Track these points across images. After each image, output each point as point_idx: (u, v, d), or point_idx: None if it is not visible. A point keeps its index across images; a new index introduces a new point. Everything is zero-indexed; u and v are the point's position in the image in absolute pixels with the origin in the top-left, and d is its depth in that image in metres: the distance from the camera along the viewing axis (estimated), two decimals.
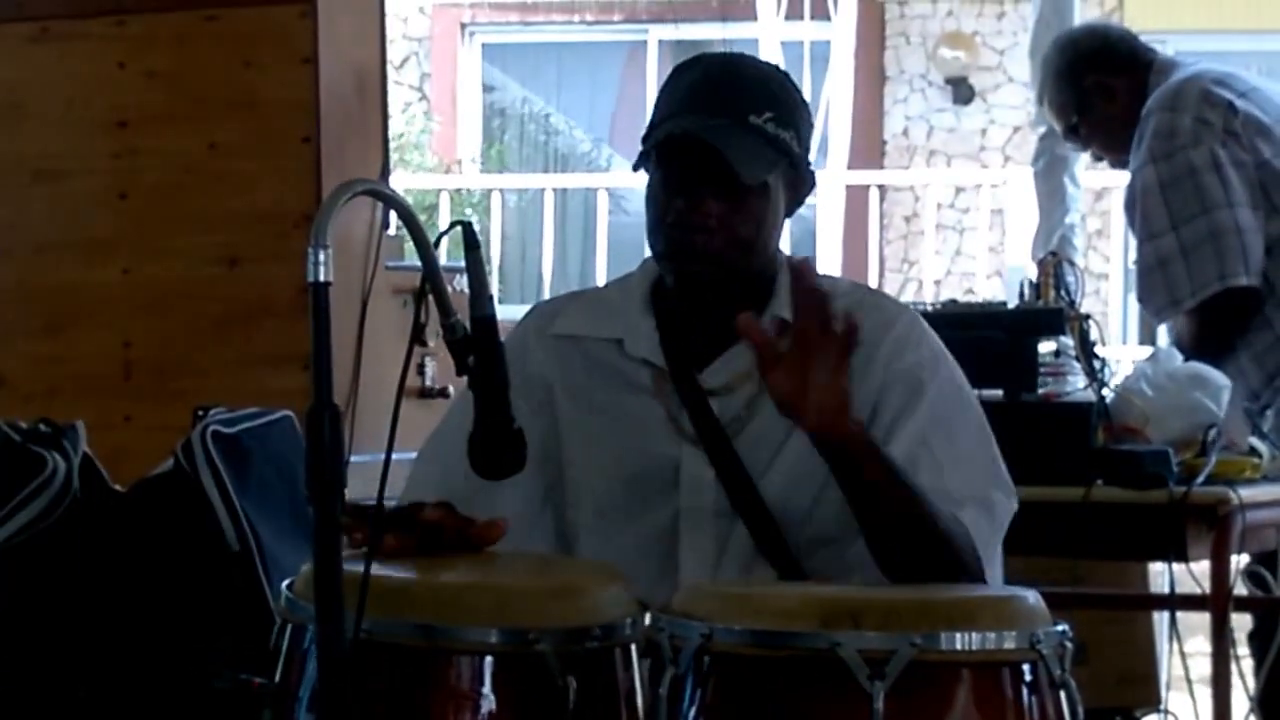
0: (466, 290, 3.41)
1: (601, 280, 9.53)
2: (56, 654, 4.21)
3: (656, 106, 3.94)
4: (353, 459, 3.15)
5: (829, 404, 3.48)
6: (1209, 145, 6.14)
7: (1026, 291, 6.47)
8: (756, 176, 3.79)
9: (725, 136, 3.78)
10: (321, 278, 3.06)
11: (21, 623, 4.24)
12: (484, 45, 14.74)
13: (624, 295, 4.02)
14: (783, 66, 4.25)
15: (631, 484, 3.90)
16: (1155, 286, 6.05)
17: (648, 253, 3.99)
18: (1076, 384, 5.85)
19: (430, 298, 3.38)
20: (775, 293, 3.89)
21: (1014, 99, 13.05)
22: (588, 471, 3.93)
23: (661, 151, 3.84)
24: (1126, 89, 6.34)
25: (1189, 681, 6.53)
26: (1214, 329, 6.12)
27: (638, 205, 3.96)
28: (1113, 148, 6.54)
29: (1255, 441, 5.92)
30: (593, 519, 3.92)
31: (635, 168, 3.91)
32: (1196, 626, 6.23)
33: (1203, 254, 6.07)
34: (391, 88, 6.65)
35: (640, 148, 3.89)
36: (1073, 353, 5.93)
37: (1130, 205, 6.31)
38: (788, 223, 4.04)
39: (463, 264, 3.42)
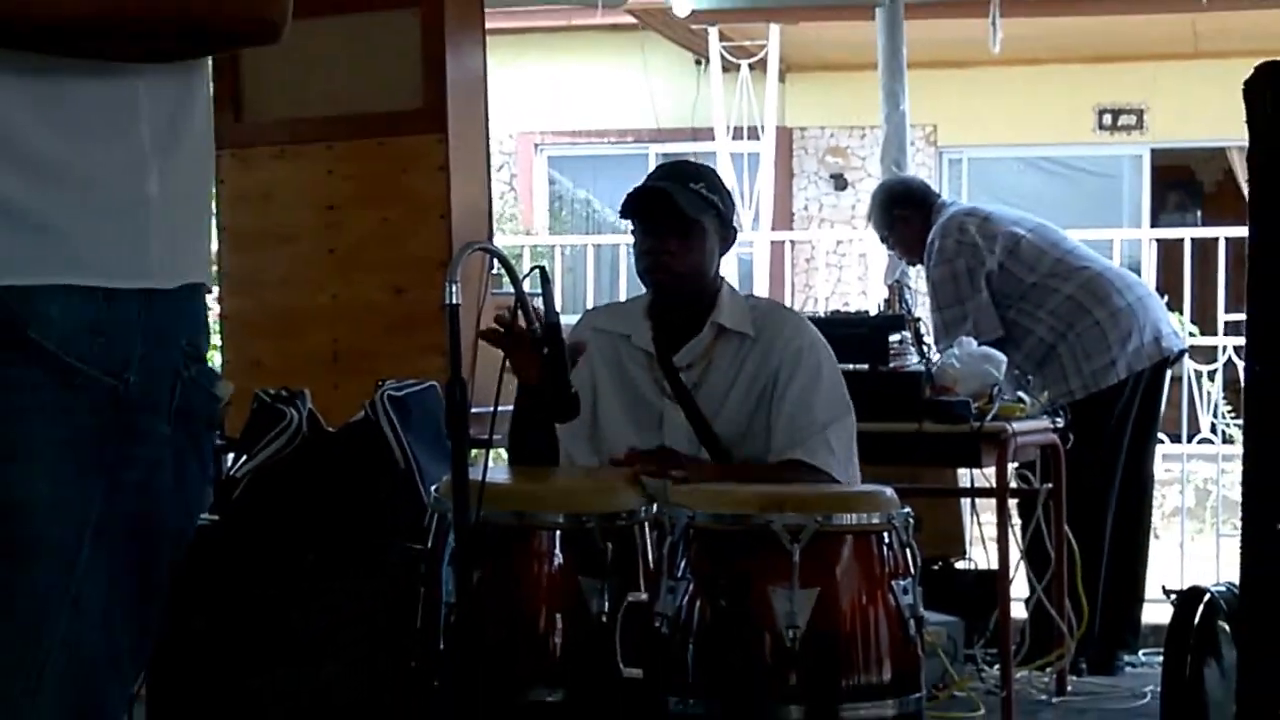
0: (542, 308, 3.40)
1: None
2: (293, 533, 4.20)
3: None
4: (473, 409, 3.15)
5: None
6: (964, 258, 6.30)
7: (881, 304, 6.49)
8: (694, 213, 3.83)
9: (673, 189, 3.86)
10: (453, 301, 3.08)
11: (271, 513, 4.24)
12: (549, 156, 14.69)
13: (634, 306, 4.06)
14: (731, 170, 4.24)
15: (635, 423, 3.92)
16: (953, 332, 6.12)
17: None
18: (912, 361, 5.85)
19: (520, 312, 3.39)
20: (717, 305, 3.93)
21: (871, 188, 13.07)
22: (610, 415, 3.93)
23: (637, 203, 3.91)
24: (918, 220, 6.44)
25: (983, 540, 6.53)
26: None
27: None
28: (907, 253, 6.66)
29: (1021, 394, 5.93)
30: (615, 442, 3.90)
31: (621, 216, 4.00)
32: (986, 506, 6.22)
33: (981, 316, 6.26)
34: (493, 183, 6.60)
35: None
36: (910, 342, 5.94)
37: (933, 289, 6.43)
38: (733, 264, 4.07)
39: (539, 292, 3.42)
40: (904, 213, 6.51)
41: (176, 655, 4.17)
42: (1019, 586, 6.05)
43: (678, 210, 3.82)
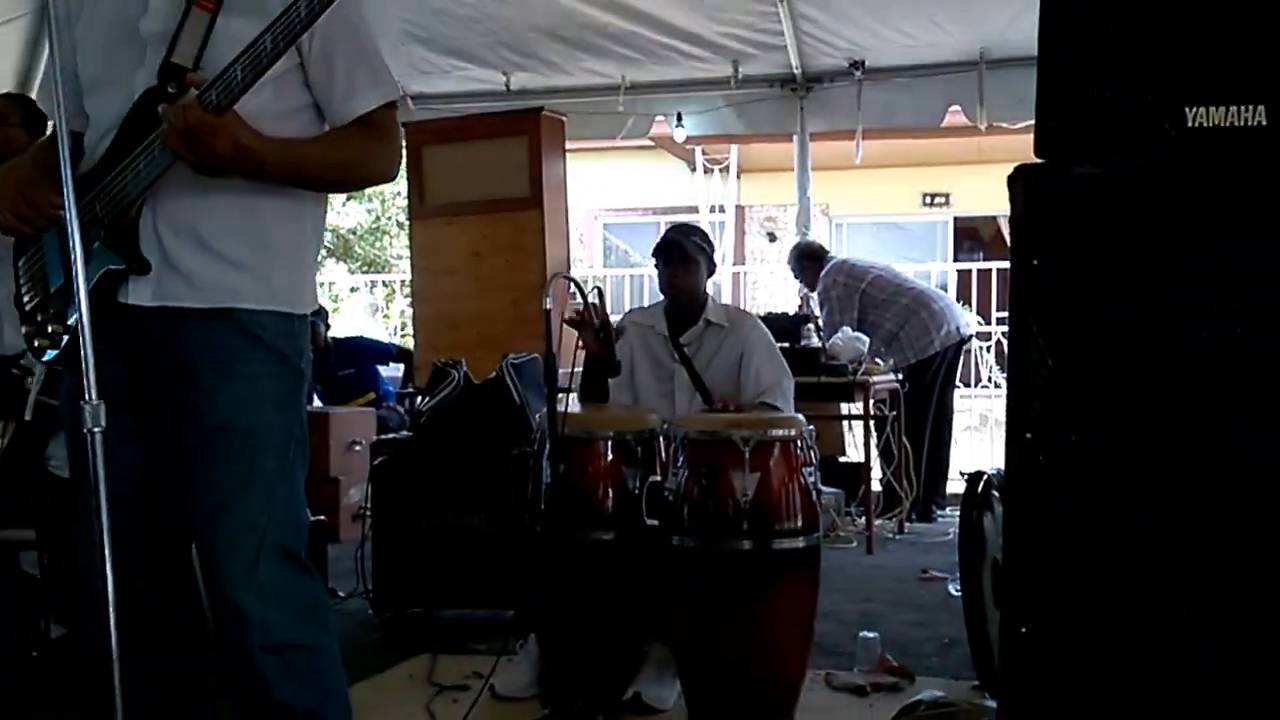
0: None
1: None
2: (456, 443, 4.19)
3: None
4: (559, 370, 3.15)
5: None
6: (837, 290, 6.26)
7: (795, 309, 6.46)
8: (693, 253, 3.80)
9: (682, 239, 3.82)
10: (547, 308, 3.06)
11: (443, 432, 4.22)
12: (603, 224, 14.57)
13: (656, 309, 3.97)
14: (708, 231, 4.18)
15: (656, 378, 3.86)
16: (829, 330, 6.08)
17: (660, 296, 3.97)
18: (814, 341, 5.84)
19: (588, 312, 3.37)
20: (706, 308, 3.86)
21: (791, 242, 13.03)
22: (641, 373, 3.87)
23: (663, 247, 3.85)
24: (815, 267, 6.45)
25: (854, 444, 6.51)
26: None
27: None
28: (807, 285, 6.58)
29: (877, 360, 5.90)
30: (643, 390, 3.86)
31: (653, 254, 3.91)
32: (856, 425, 6.21)
33: (850, 324, 6.12)
34: (570, 239, 6.58)
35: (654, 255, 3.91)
36: (813, 331, 5.93)
37: (820, 304, 6.38)
38: (711, 284, 4.02)
39: (597, 303, 3.40)
40: (807, 263, 6.56)
41: (394, 509, 4.19)
42: (875, 472, 6.06)
43: (684, 251, 3.80)
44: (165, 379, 1.87)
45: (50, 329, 1.89)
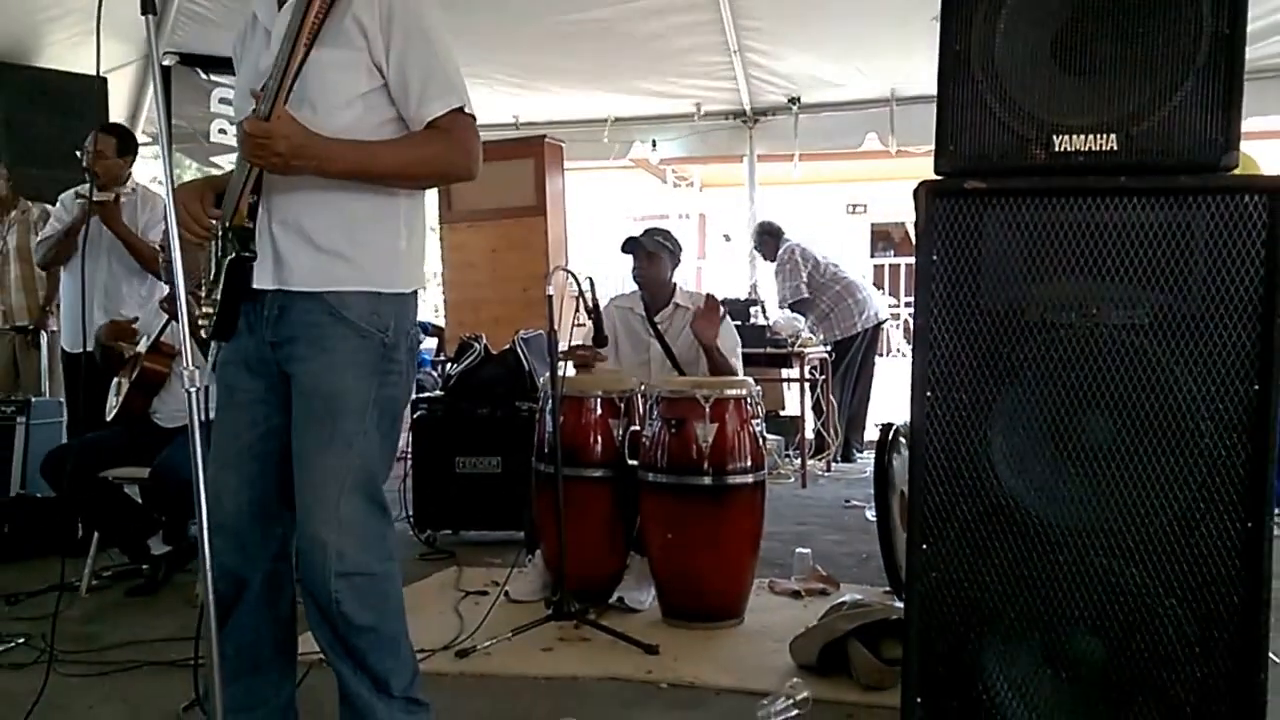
0: (590, 295, 3.36)
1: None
2: (477, 401, 4.17)
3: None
4: (559, 345, 3.13)
5: (708, 335, 3.51)
6: (793, 263, 6.15)
7: (746, 294, 6.43)
8: (654, 250, 3.70)
9: (644, 239, 3.73)
10: (549, 294, 3.04)
11: (468, 392, 4.20)
12: (594, 228, 14.49)
13: (635, 294, 3.88)
14: (678, 233, 4.12)
15: (634, 351, 3.80)
16: (781, 299, 6.01)
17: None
18: (761, 320, 5.84)
19: (582, 296, 3.35)
20: (675, 294, 3.79)
21: (744, 244, 12.97)
22: (623, 346, 3.82)
23: (628, 245, 3.75)
24: (773, 243, 6.37)
25: (793, 402, 6.53)
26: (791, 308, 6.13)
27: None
28: (765, 258, 6.49)
29: (811, 335, 5.90)
30: (625, 360, 3.81)
31: (621, 252, 3.78)
32: (793, 386, 6.22)
33: (795, 295, 6.06)
34: (568, 237, 6.55)
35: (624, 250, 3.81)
36: (760, 312, 5.92)
37: (776, 277, 6.27)
38: (678, 273, 3.97)
39: (590, 289, 3.38)
40: (767, 239, 6.49)
41: (429, 452, 4.19)
42: (809, 423, 6.07)
43: (645, 249, 3.73)
44: (280, 349, 1.85)
45: (207, 312, 1.89)
